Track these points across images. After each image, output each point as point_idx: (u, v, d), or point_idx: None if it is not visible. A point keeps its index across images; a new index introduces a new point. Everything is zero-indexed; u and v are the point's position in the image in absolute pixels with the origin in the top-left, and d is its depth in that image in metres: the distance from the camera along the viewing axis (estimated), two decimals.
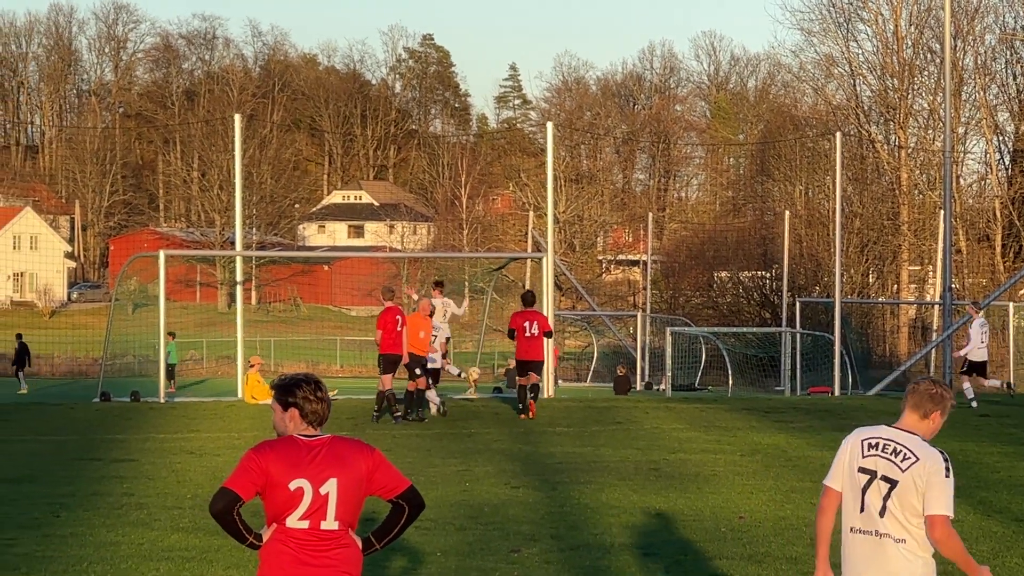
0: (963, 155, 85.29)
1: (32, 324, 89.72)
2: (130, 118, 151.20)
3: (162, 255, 34.78)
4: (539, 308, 30.51)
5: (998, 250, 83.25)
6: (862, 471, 7.84)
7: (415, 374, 27.18)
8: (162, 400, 33.35)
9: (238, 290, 40.57)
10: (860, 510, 7.85)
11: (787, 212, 63.95)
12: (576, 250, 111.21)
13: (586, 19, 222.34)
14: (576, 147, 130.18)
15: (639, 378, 51.67)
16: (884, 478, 7.77)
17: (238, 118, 38.44)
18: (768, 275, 78.39)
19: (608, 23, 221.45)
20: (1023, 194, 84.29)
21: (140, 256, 53.29)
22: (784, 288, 60.84)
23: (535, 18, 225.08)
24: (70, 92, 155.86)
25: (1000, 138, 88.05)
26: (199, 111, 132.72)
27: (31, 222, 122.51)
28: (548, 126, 38.43)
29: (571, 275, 71.58)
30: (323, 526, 7.16)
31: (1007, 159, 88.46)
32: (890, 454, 7.79)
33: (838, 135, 43.60)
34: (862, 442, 7.91)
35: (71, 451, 22.75)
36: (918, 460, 7.73)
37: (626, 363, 51.06)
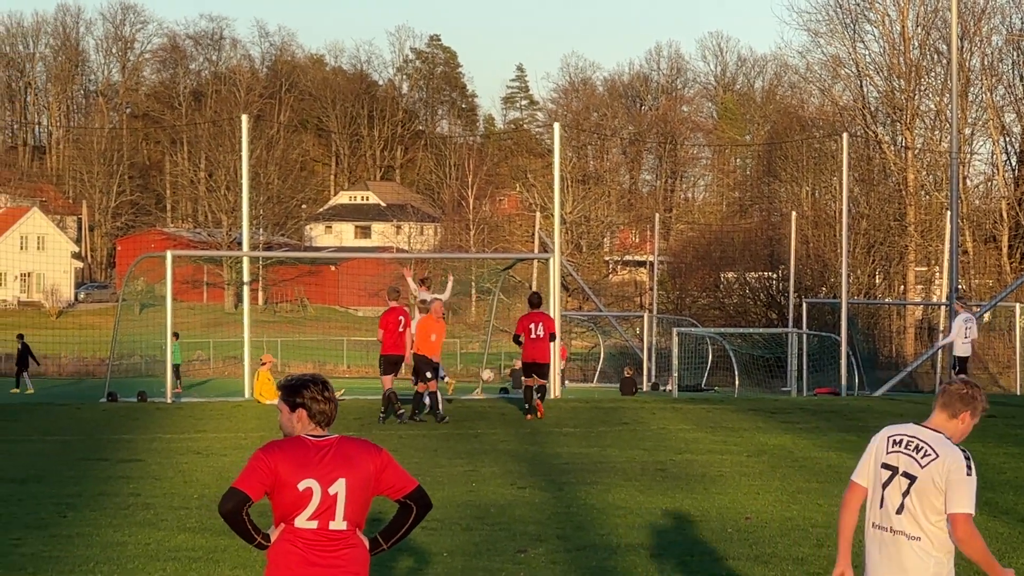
0: (970, 156, 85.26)
1: (39, 324, 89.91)
2: (137, 118, 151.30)
3: (169, 255, 34.77)
4: (546, 309, 30.46)
5: (1004, 251, 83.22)
6: (885, 467, 7.92)
7: (426, 377, 27.09)
8: (169, 400, 33.39)
9: (245, 290, 40.63)
10: (879, 506, 7.92)
11: (794, 213, 63.91)
12: (583, 251, 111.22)
13: (593, 20, 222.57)
14: (583, 148, 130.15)
15: (645, 379, 51.64)
16: (905, 474, 7.83)
17: (245, 118, 38.48)
18: (775, 276, 78.42)
19: (615, 24, 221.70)
20: None
21: (147, 256, 53.15)
22: (791, 289, 60.79)
23: (542, 19, 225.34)
24: (77, 92, 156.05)
25: (1007, 139, 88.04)
26: (206, 111, 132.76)
27: (38, 222, 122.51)
28: (555, 127, 38.47)
29: (578, 276, 71.61)
30: (332, 526, 7.17)
31: (1014, 160, 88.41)
32: (912, 451, 7.86)
33: (845, 136, 43.61)
34: (888, 438, 7.99)
35: (78, 451, 22.76)
36: (938, 457, 7.77)
37: (633, 364, 51.03)
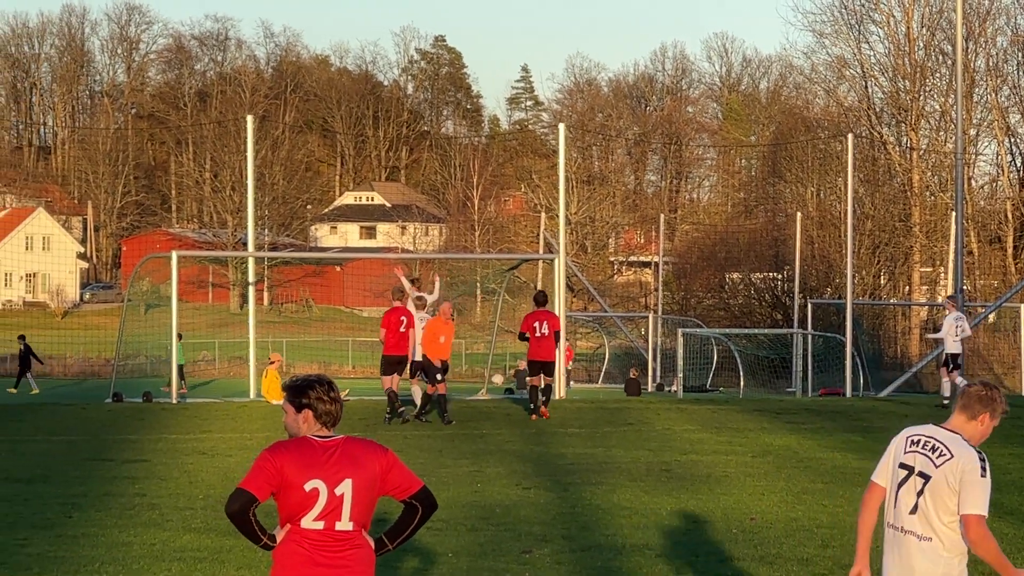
0: (975, 157, 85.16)
1: (44, 324, 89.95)
2: (142, 119, 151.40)
3: (174, 256, 34.77)
4: (550, 309, 30.45)
5: (1009, 252, 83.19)
6: (902, 467, 7.96)
7: (435, 379, 27.07)
8: (174, 401, 33.40)
9: (250, 291, 40.61)
10: (894, 505, 7.96)
11: (799, 214, 63.86)
12: (588, 251, 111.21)
13: (598, 21, 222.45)
14: (588, 148, 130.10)
15: (651, 379, 51.64)
16: (920, 474, 7.87)
17: (250, 119, 38.47)
18: (780, 276, 78.41)
19: (620, 25, 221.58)
20: None
21: (152, 257, 53.13)
22: (796, 289, 60.77)
23: (547, 19, 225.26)
24: (82, 93, 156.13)
25: (1012, 140, 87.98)
26: (211, 112, 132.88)
27: (44, 223, 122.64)
28: (560, 127, 38.40)
29: (583, 276, 71.57)
30: (338, 527, 7.18)
31: (1019, 161, 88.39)
32: (928, 451, 7.89)
33: (850, 137, 43.55)
34: (907, 439, 8.03)
35: (83, 451, 22.78)
36: (952, 457, 7.80)
37: (638, 365, 51.01)
